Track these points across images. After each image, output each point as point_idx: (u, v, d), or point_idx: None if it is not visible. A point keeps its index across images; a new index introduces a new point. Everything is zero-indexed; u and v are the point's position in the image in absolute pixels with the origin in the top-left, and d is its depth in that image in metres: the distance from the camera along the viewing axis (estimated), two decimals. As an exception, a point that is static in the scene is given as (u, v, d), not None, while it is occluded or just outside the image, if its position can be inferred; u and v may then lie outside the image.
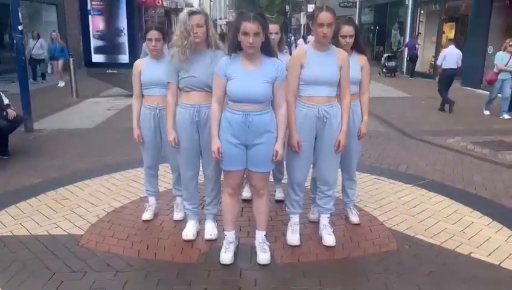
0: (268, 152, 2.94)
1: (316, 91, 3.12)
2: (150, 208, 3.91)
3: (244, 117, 2.85)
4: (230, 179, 3.06)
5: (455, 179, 5.10)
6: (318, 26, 3.03)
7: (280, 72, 2.89)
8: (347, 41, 3.39)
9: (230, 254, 3.12)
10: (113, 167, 5.41)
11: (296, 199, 3.41)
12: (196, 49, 3.13)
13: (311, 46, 3.19)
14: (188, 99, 3.19)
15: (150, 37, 3.52)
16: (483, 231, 3.68)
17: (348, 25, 3.42)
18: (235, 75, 2.85)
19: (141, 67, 3.62)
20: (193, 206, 3.53)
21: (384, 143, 6.84)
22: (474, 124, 8.21)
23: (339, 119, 3.20)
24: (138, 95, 3.70)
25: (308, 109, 3.14)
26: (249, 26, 2.73)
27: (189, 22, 3.04)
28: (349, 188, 3.83)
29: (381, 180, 4.96)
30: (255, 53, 2.83)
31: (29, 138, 7.16)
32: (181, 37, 3.06)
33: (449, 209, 4.13)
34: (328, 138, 3.21)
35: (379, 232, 3.65)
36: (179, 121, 3.23)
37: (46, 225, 3.75)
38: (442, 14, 15.17)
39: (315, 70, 3.10)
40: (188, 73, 3.13)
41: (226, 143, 2.92)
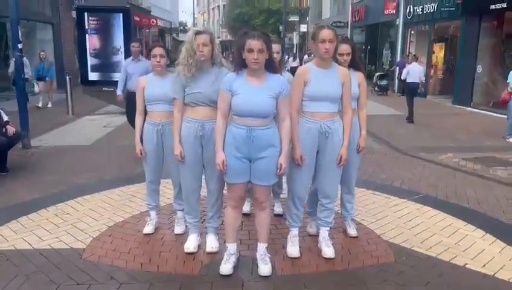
0: (272, 166, 3.03)
1: (319, 107, 3.25)
2: (151, 222, 3.97)
3: (248, 131, 2.96)
4: (233, 192, 3.14)
5: (448, 194, 5.22)
6: (320, 43, 3.17)
7: (284, 88, 3.01)
8: (345, 59, 3.54)
9: (230, 265, 3.19)
10: (112, 182, 5.46)
11: (296, 213, 3.49)
12: (201, 67, 3.25)
13: (314, 64, 3.33)
14: (193, 114, 3.30)
15: (155, 53, 3.65)
16: (477, 244, 3.78)
17: (345, 44, 3.58)
18: (240, 90, 2.96)
19: (145, 83, 3.74)
20: (194, 220, 3.60)
21: (378, 159, 6.97)
22: (465, 141, 8.39)
23: (340, 134, 3.32)
24: (141, 111, 3.80)
25: (311, 124, 3.26)
26: (253, 43, 2.86)
27: (195, 41, 3.16)
28: (348, 202, 3.92)
29: (377, 194, 5.06)
30: (259, 69, 2.96)
31: (27, 154, 7.20)
32: (187, 56, 3.18)
33: (444, 223, 4.23)
34: (330, 152, 3.32)
35: (377, 244, 3.74)
36: (183, 135, 3.32)
37: (48, 239, 3.78)
38: (431, 34, 15.56)
39: (318, 87, 3.22)
40: (193, 89, 3.24)
41: (230, 156, 3.02)
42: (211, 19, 63.57)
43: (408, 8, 16.58)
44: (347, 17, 23.55)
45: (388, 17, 18.07)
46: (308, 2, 32.75)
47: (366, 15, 20.87)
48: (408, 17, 16.68)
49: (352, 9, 22.84)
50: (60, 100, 12.90)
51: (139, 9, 27.37)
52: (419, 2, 15.80)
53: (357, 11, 21.98)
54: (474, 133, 9.25)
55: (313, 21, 30.99)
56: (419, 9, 15.79)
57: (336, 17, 25.87)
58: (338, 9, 26.69)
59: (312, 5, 31.84)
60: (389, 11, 17.60)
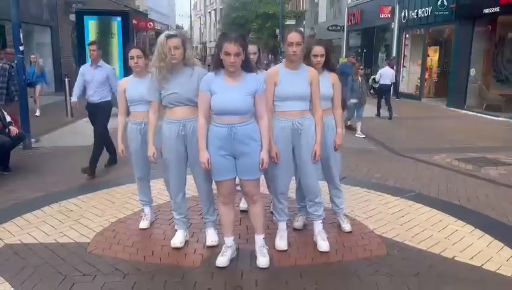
0: (255, 160, 3.18)
1: (290, 106, 3.42)
2: (146, 217, 4.11)
3: (229, 129, 3.10)
4: (221, 189, 3.29)
5: (440, 192, 5.38)
6: (288, 46, 3.36)
7: (260, 86, 3.17)
8: (318, 60, 3.70)
9: (226, 258, 3.33)
10: (113, 181, 5.60)
11: (280, 207, 3.65)
12: (174, 69, 3.38)
13: (284, 65, 3.51)
14: (172, 115, 3.42)
15: (132, 54, 3.82)
16: (466, 238, 3.94)
17: (319, 45, 3.75)
18: (218, 90, 3.11)
19: (126, 85, 3.90)
20: (181, 216, 3.72)
21: (373, 160, 7.13)
22: (458, 142, 8.57)
23: (312, 130, 3.48)
24: (123, 112, 3.97)
25: (283, 123, 3.43)
26: (230, 47, 3.00)
27: (167, 45, 3.29)
28: (336, 197, 4.06)
29: (371, 193, 5.21)
30: (236, 70, 3.11)
31: (29, 154, 7.32)
32: (159, 58, 3.32)
33: (435, 219, 4.39)
34: (305, 149, 3.48)
35: (370, 238, 3.89)
36: (165, 135, 3.45)
37: (54, 234, 3.92)
38: (426, 38, 15.79)
39: (287, 88, 3.39)
40: (169, 91, 3.37)
41: (214, 155, 3.16)
42: (208, 22, 63.83)
43: (403, 12, 16.82)
44: (343, 21, 23.77)
45: (383, 21, 18.31)
46: (305, 6, 33.00)
47: (362, 19, 21.09)
48: (403, 21, 16.91)
49: (348, 13, 23.07)
50: (59, 102, 13.01)
51: (137, 12, 27.58)
52: (414, 6, 16.04)
53: (352, 14, 22.20)
54: (468, 134, 9.44)
55: (309, 25, 31.23)
56: (414, 14, 16.02)
57: (332, 20, 26.09)
58: (334, 13, 26.91)
59: (308, 9, 32.08)
60: (385, 15, 17.83)
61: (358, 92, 9.12)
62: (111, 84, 5.91)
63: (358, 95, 9.11)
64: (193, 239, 3.82)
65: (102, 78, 5.88)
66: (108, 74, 5.95)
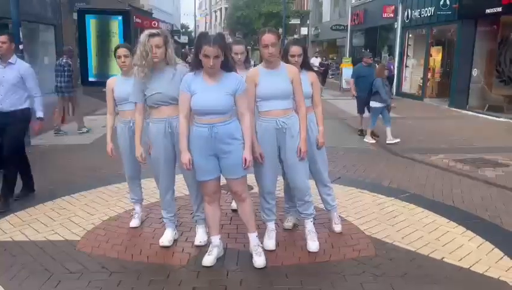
0: (239, 158, 3.17)
1: (272, 105, 3.41)
2: (136, 215, 4.13)
3: (209, 129, 3.10)
4: (205, 188, 3.30)
5: (435, 193, 5.36)
6: (263, 48, 3.36)
7: (240, 85, 3.17)
8: (296, 60, 3.70)
9: (212, 257, 3.34)
10: (109, 179, 5.62)
11: (268, 207, 3.66)
12: (156, 68, 3.39)
13: (263, 66, 3.51)
14: (158, 114, 3.44)
15: (119, 54, 3.84)
16: (457, 239, 3.92)
17: (296, 45, 3.76)
18: (197, 90, 3.11)
19: (113, 84, 3.92)
20: (170, 215, 3.74)
21: (370, 160, 7.11)
22: (458, 143, 8.52)
23: (297, 128, 3.47)
24: (111, 112, 3.98)
25: (267, 123, 3.43)
26: (209, 50, 2.98)
27: (149, 44, 3.29)
28: (326, 195, 4.04)
29: (364, 193, 5.20)
30: (216, 71, 3.11)
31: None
32: (140, 57, 3.32)
33: (427, 220, 4.37)
34: (290, 147, 3.47)
35: (359, 239, 3.88)
36: (152, 134, 3.47)
37: (44, 232, 3.94)
38: (429, 38, 15.71)
39: (268, 87, 3.40)
40: (152, 91, 3.38)
41: (196, 155, 3.16)
42: (213, 21, 63.91)
43: (406, 12, 16.74)
44: (347, 20, 23.71)
45: (387, 21, 18.22)
46: (309, 6, 32.95)
47: (365, 18, 21.03)
48: (406, 20, 16.83)
49: (351, 12, 23.01)
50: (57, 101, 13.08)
51: (141, 11, 27.63)
52: (416, 6, 15.96)
53: (356, 14, 22.15)
54: (468, 135, 9.38)
55: (313, 24, 31.20)
56: (416, 13, 15.95)
57: (336, 20, 26.05)
58: (338, 13, 26.88)
59: (313, 9, 32.03)
60: (388, 14, 17.75)
61: (383, 95, 8.16)
62: (28, 86, 4.67)
63: (384, 98, 8.18)
64: (182, 238, 3.83)
65: (14, 79, 4.56)
66: (23, 74, 4.62)
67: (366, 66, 9.22)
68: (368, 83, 8.53)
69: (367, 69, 9.11)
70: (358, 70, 9.39)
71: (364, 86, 8.68)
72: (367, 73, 8.91)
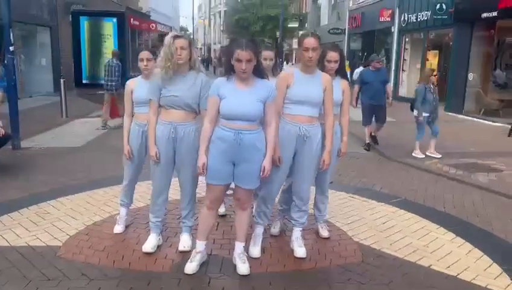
0: (256, 170, 3.12)
1: (300, 110, 3.35)
2: (120, 220, 4.06)
3: (235, 135, 3.04)
4: (211, 193, 3.22)
5: (426, 198, 5.30)
6: (304, 51, 3.29)
7: (271, 92, 3.12)
8: (332, 66, 3.66)
9: (195, 264, 3.27)
10: (97, 183, 5.54)
11: (264, 211, 3.59)
12: (179, 71, 3.35)
13: (299, 69, 3.44)
14: (166, 117, 3.39)
15: (142, 57, 3.79)
16: (445, 246, 3.86)
17: (334, 51, 3.70)
18: (228, 94, 3.06)
19: (133, 86, 3.85)
20: (157, 220, 3.67)
21: (362, 164, 7.05)
22: (452, 148, 8.46)
23: (318, 139, 3.41)
24: (129, 114, 3.90)
25: (290, 126, 3.36)
26: (242, 54, 2.95)
27: (174, 45, 3.27)
28: (321, 203, 4.00)
29: (355, 198, 5.14)
30: (248, 76, 3.06)
31: (17, 154, 7.30)
32: (165, 58, 3.28)
33: (416, 226, 4.31)
34: (307, 156, 3.41)
35: (346, 245, 3.82)
36: (157, 136, 3.41)
37: (26, 237, 3.86)
38: (425, 42, 15.69)
39: (301, 91, 3.34)
40: (170, 92, 3.34)
41: (214, 158, 3.09)
42: (212, 24, 63.93)
43: (403, 16, 16.73)
44: (344, 24, 23.71)
45: (383, 25, 18.22)
46: (307, 9, 32.96)
47: (363, 22, 21.02)
48: (403, 24, 16.83)
49: (349, 16, 23.00)
50: (54, 103, 13.03)
51: (139, 13, 27.61)
52: (413, 10, 15.95)
53: (353, 18, 22.15)
54: (463, 140, 9.32)
55: (311, 27, 31.17)
56: (413, 17, 15.93)
57: (333, 24, 26.03)
58: (336, 16, 26.87)
59: (311, 12, 32.05)
60: (384, 18, 17.75)
61: (431, 103, 7.27)
62: None
63: (431, 108, 7.30)
64: (166, 244, 3.76)
65: None
66: None
67: (375, 71, 8.07)
68: (376, 89, 7.82)
69: (375, 74, 8.02)
70: (365, 75, 8.19)
71: (372, 93, 7.86)
72: (375, 78, 7.94)
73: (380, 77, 7.99)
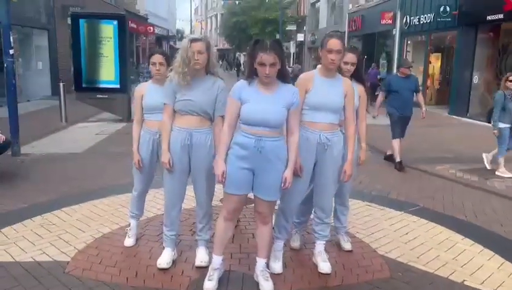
0: (277, 180, 2.91)
1: (320, 117, 3.14)
2: (131, 232, 3.84)
3: (256, 141, 2.84)
4: (229, 203, 3.00)
5: (445, 206, 5.11)
6: (327, 52, 3.06)
7: (296, 98, 2.92)
8: (348, 68, 3.46)
9: (213, 282, 3.05)
10: (101, 191, 5.32)
11: (284, 225, 3.38)
12: (196, 75, 3.15)
13: (318, 72, 3.23)
14: (181, 123, 3.19)
15: (154, 61, 3.54)
16: (475, 259, 3.67)
17: (352, 53, 3.49)
18: (251, 98, 2.85)
19: (144, 91, 3.63)
20: (171, 233, 3.45)
21: (374, 169, 6.85)
22: (461, 152, 8.30)
23: (339, 148, 3.21)
24: (139, 120, 3.68)
25: (309, 134, 3.15)
26: (265, 57, 2.74)
27: (191, 49, 3.06)
28: (342, 214, 3.81)
29: (372, 206, 4.95)
30: (272, 81, 2.86)
31: (17, 161, 7.06)
32: (182, 63, 3.07)
33: (441, 236, 4.12)
34: (329, 167, 3.21)
35: (371, 259, 3.62)
36: (171, 143, 3.21)
37: (31, 251, 3.64)
38: (428, 44, 15.57)
39: (320, 96, 3.12)
40: (185, 96, 3.13)
41: (233, 165, 2.89)
42: (209, 27, 63.80)
43: (405, 18, 16.61)
44: (344, 26, 23.57)
45: (385, 27, 18.10)
46: (306, 12, 32.86)
47: (363, 25, 20.91)
48: (405, 27, 16.70)
49: (348, 19, 22.88)
50: (53, 107, 12.78)
51: (136, 16, 27.41)
52: (415, 13, 15.84)
53: (353, 20, 22.03)
54: (471, 144, 9.17)
55: (310, 30, 31.08)
56: (415, 20, 15.82)
57: (332, 26, 25.90)
58: (335, 19, 26.77)
59: (309, 15, 31.95)
60: (386, 21, 17.62)
61: (495, 113, 6.47)
62: None
63: (494, 118, 6.50)
64: (181, 258, 3.54)
65: None
66: None
67: (404, 78, 7.10)
68: (405, 99, 7.02)
69: (404, 82, 7.06)
70: (393, 82, 7.22)
71: (400, 103, 7.04)
72: (404, 86, 7.02)
73: (410, 85, 7.05)
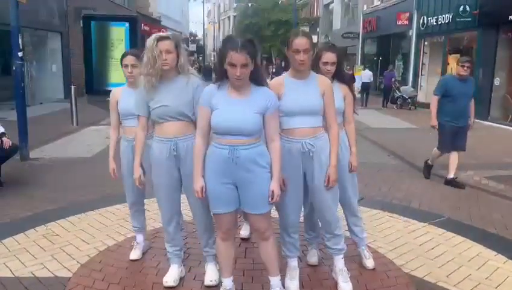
0: (263, 190, 2.63)
1: (298, 122, 2.85)
2: (138, 246, 3.61)
3: (230, 152, 2.56)
4: (220, 223, 2.76)
5: (473, 217, 4.78)
6: (294, 53, 2.80)
7: (271, 102, 2.62)
8: (328, 69, 3.15)
9: None
10: (109, 199, 5.10)
11: (290, 241, 3.11)
12: (166, 77, 2.88)
13: (289, 75, 2.95)
14: (162, 132, 2.92)
15: (126, 62, 3.30)
16: (510, 278, 3.35)
17: (331, 52, 3.18)
18: (220, 105, 2.58)
19: (118, 96, 3.39)
20: (175, 249, 3.20)
21: (393, 176, 6.55)
22: (484, 158, 7.94)
23: (327, 152, 2.90)
24: (115, 126, 3.47)
25: (291, 144, 2.86)
26: (235, 57, 2.46)
27: (157, 48, 2.78)
28: (355, 225, 3.50)
29: (394, 217, 4.64)
30: (243, 84, 2.59)
31: (25, 166, 6.91)
32: (147, 65, 2.80)
33: (470, 252, 3.80)
34: (318, 174, 2.90)
35: (396, 278, 3.32)
36: (154, 155, 2.96)
37: (32, 265, 3.43)
38: (446, 45, 15.15)
39: (294, 99, 2.83)
40: (158, 103, 2.87)
41: (212, 182, 2.64)
42: (222, 29, 63.81)
43: (422, 19, 16.21)
44: (358, 28, 23.23)
45: (401, 28, 17.72)
46: (319, 13, 32.54)
47: (378, 26, 20.54)
48: (422, 28, 16.31)
49: (363, 20, 22.52)
50: (65, 110, 12.69)
51: (149, 19, 27.40)
52: (433, 13, 15.43)
53: (368, 22, 21.66)
54: (494, 149, 8.79)
55: (323, 32, 30.75)
56: (433, 20, 15.41)
57: (346, 28, 25.59)
58: (349, 20, 26.42)
59: (322, 16, 31.62)
60: (402, 22, 17.25)
61: None
62: None
63: None
64: (190, 275, 3.29)
65: None
66: None
67: (461, 81, 5.77)
68: (462, 106, 5.81)
69: (462, 86, 5.77)
70: (450, 84, 5.88)
71: (456, 110, 5.79)
72: (461, 91, 5.78)
73: (468, 90, 5.86)
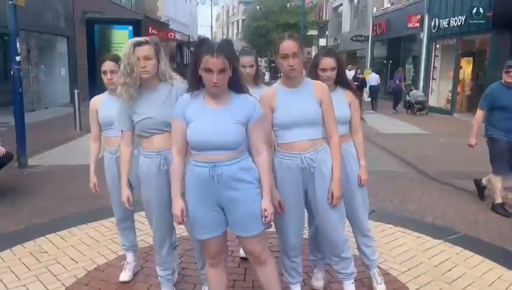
0: (252, 208, 2.33)
1: (295, 136, 2.57)
2: (128, 266, 3.34)
3: (211, 170, 2.27)
4: (207, 248, 2.48)
5: (492, 234, 4.44)
6: (283, 59, 2.52)
7: (254, 110, 2.33)
8: (328, 76, 2.85)
9: None
10: (105, 211, 4.82)
11: (293, 267, 2.82)
12: (147, 86, 2.63)
13: (280, 83, 2.68)
14: (150, 146, 2.66)
15: (105, 69, 3.04)
16: (537, 307, 3.03)
17: (329, 57, 2.89)
18: (196, 116, 2.30)
19: (98, 105, 3.14)
20: (166, 273, 2.94)
21: (405, 186, 6.23)
22: (501, 166, 7.54)
23: (329, 165, 2.61)
24: (96, 137, 3.23)
25: (289, 160, 2.57)
26: (211, 61, 2.18)
27: (134, 55, 2.52)
28: (365, 246, 3.17)
29: (406, 233, 4.32)
30: (221, 91, 2.31)
31: (23, 173, 6.71)
32: (123, 74, 2.53)
33: (491, 275, 3.47)
34: (321, 190, 2.61)
35: (411, 306, 3.02)
36: (143, 171, 2.70)
37: (14, 288, 3.18)
38: (458, 48, 14.75)
39: (289, 111, 2.55)
40: (141, 115, 2.61)
41: (193, 205, 2.36)
42: (230, 33, 63.79)
43: (433, 21, 15.83)
44: (367, 30, 22.88)
45: (411, 31, 17.34)
46: (328, 16, 32.25)
47: (388, 28, 20.18)
48: (433, 30, 15.92)
49: (373, 22, 22.17)
50: (70, 114, 12.51)
51: (157, 22, 27.31)
52: (445, 15, 15.05)
53: (378, 24, 21.31)
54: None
55: (332, 35, 30.45)
56: (445, 22, 15.03)
57: (356, 30, 25.26)
58: (358, 23, 26.08)
59: (331, 19, 31.32)
60: (413, 24, 16.88)
61: None
62: None
63: None
64: (183, 301, 3.03)
65: None
66: None
67: (510, 88, 4.91)
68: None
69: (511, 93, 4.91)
70: (499, 93, 5.06)
71: (509, 123, 5.01)
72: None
73: None
